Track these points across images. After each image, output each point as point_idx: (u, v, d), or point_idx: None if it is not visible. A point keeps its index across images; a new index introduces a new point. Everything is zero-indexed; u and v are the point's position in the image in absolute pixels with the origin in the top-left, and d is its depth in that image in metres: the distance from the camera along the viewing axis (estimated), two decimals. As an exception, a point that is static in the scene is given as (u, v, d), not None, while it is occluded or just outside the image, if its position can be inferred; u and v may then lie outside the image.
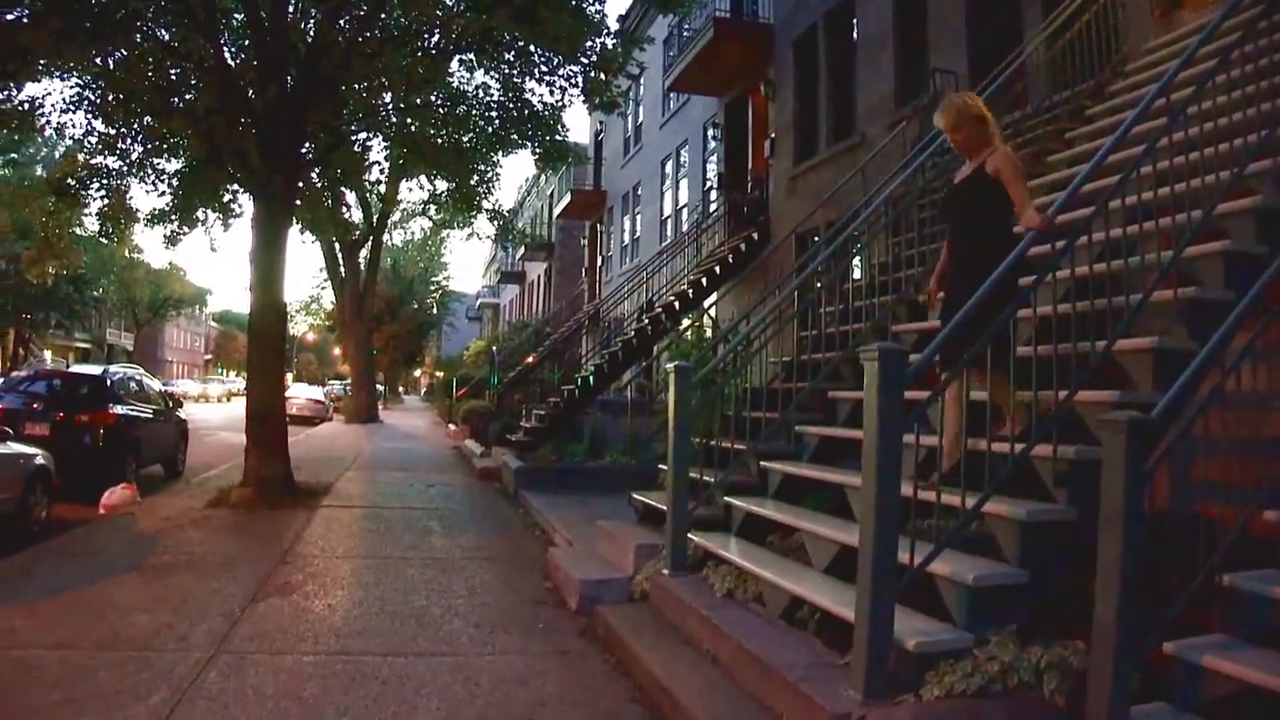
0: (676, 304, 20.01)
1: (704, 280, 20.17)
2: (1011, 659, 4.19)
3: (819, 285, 9.62)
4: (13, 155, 40.32)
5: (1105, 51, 9.98)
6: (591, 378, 19.14)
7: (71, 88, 15.27)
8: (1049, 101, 10.18)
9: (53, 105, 15.39)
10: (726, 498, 7.75)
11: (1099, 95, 9.68)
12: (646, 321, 19.91)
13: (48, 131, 16.50)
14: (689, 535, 7.30)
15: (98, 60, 14.16)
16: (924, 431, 5.20)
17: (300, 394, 39.76)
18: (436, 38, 15.13)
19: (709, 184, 25.40)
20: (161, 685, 5.53)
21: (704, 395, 8.49)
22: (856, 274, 10.66)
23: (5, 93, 13.81)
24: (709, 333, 17.90)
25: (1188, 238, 5.45)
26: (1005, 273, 4.98)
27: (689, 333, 18.61)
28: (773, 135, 21.09)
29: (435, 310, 64.85)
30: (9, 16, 12.29)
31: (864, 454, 4.48)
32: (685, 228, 25.95)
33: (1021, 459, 4.94)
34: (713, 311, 19.11)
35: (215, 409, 53.41)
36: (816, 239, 14.28)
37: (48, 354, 61.78)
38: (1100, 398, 5.08)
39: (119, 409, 15.03)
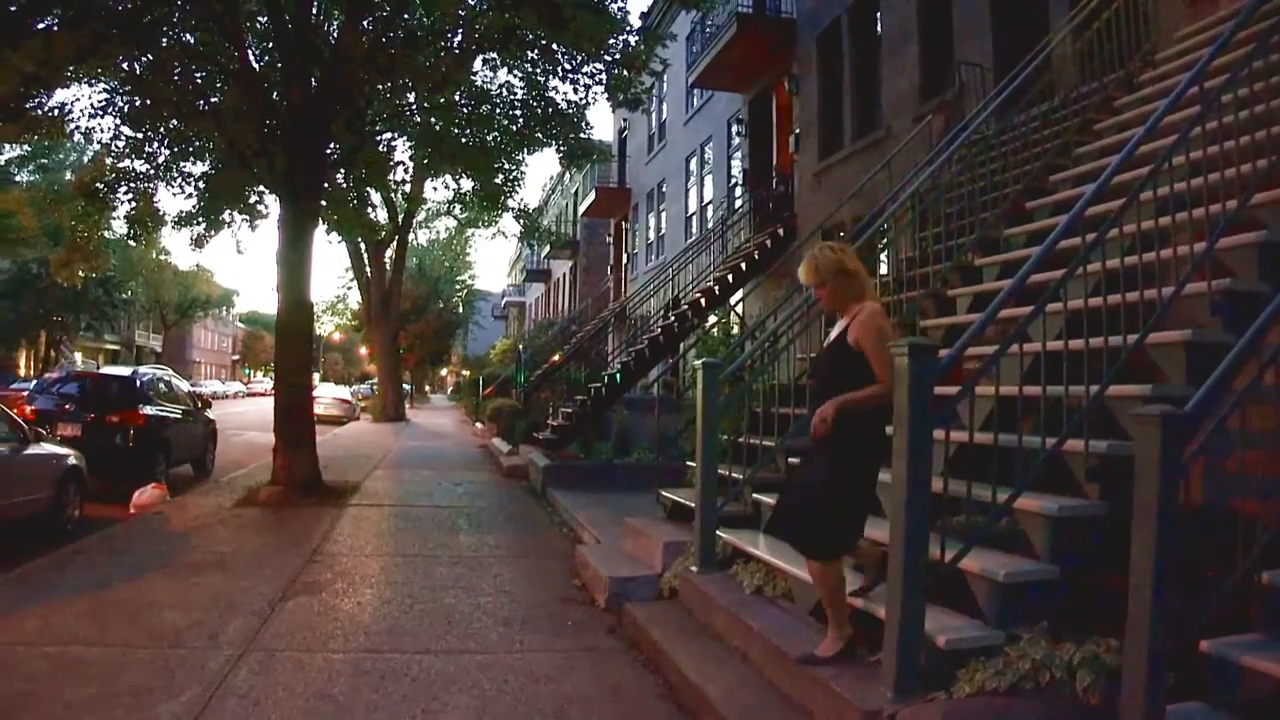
0: (702, 301, 19.98)
1: (730, 277, 20.13)
2: (1043, 656, 4.14)
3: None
4: (43, 161, 40.64)
5: (1134, 41, 9.87)
6: (618, 375, 19.14)
7: (100, 93, 15.42)
8: (1077, 93, 10.08)
9: (81, 110, 15.54)
10: (755, 494, 7.72)
11: (1128, 86, 9.59)
12: (672, 319, 19.90)
13: (76, 137, 16.64)
14: (717, 532, 7.27)
15: (125, 66, 14.25)
16: (954, 427, 5.16)
17: (327, 394, 39.85)
18: (459, 37, 15.15)
19: (734, 180, 25.35)
20: (193, 682, 5.58)
21: (732, 392, 8.46)
22: (883, 269, 10.59)
23: (36, 99, 13.89)
24: (735, 330, 17.83)
25: (1221, 228, 5.39)
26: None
27: (715, 330, 18.56)
28: (797, 131, 21.03)
29: (461, 309, 64.94)
30: (39, 25, 12.37)
31: (894, 450, 4.44)
32: (710, 224, 25.88)
33: (1052, 454, 4.89)
34: (739, 308, 19.05)
35: (235, 405, 53.59)
36: (842, 234, 14.23)
37: (78, 355, 62.35)
38: (1132, 392, 5.02)
39: (149, 409, 15.16)
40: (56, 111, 14.96)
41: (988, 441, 4.91)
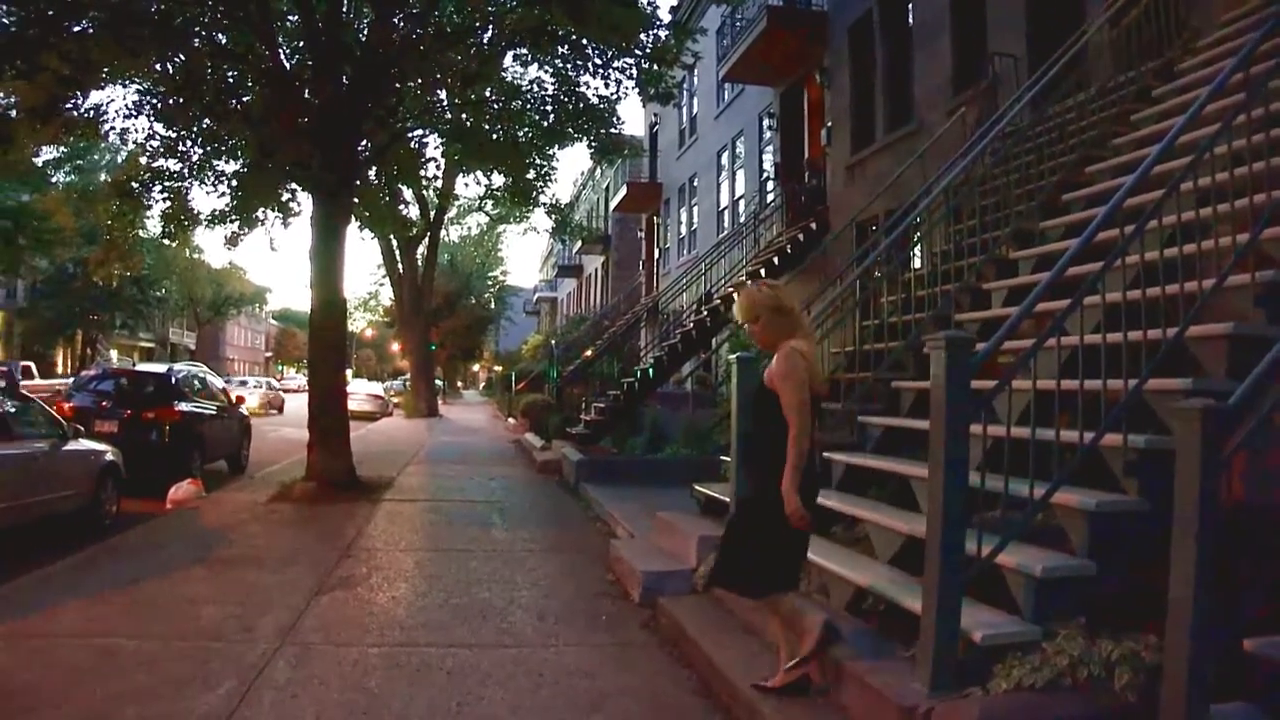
0: (736, 295, 19.90)
1: (762, 271, 20.04)
2: (1080, 652, 4.10)
3: (878, 275, 9.53)
4: (78, 162, 41.03)
5: (1173, 28, 9.74)
6: (651, 370, 19.14)
7: (133, 94, 15.55)
8: (1113, 83, 9.97)
9: (115, 111, 15.67)
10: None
11: (1166, 74, 9.45)
12: (705, 313, 19.87)
13: (111, 137, 16.80)
14: (751, 526, 7.25)
15: (158, 66, 14.36)
16: (991, 421, 5.12)
17: (360, 390, 40.01)
18: (489, 33, 15.16)
19: (765, 174, 25.27)
20: (230, 675, 5.63)
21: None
22: (917, 262, 10.53)
23: (72, 101, 14.03)
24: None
25: (1265, 219, 5.31)
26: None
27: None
28: (829, 124, 20.93)
29: (493, 305, 65.21)
30: (74, 29, 12.48)
31: (930, 444, 4.42)
32: (742, 219, 25.82)
33: (1090, 448, 4.85)
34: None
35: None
36: (875, 228, 14.16)
37: (114, 353, 62.91)
38: (1171, 385, 4.95)
39: (184, 406, 15.29)
40: (91, 113, 15.08)
41: (1025, 436, 4.87)
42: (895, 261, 9.49)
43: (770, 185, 24.62)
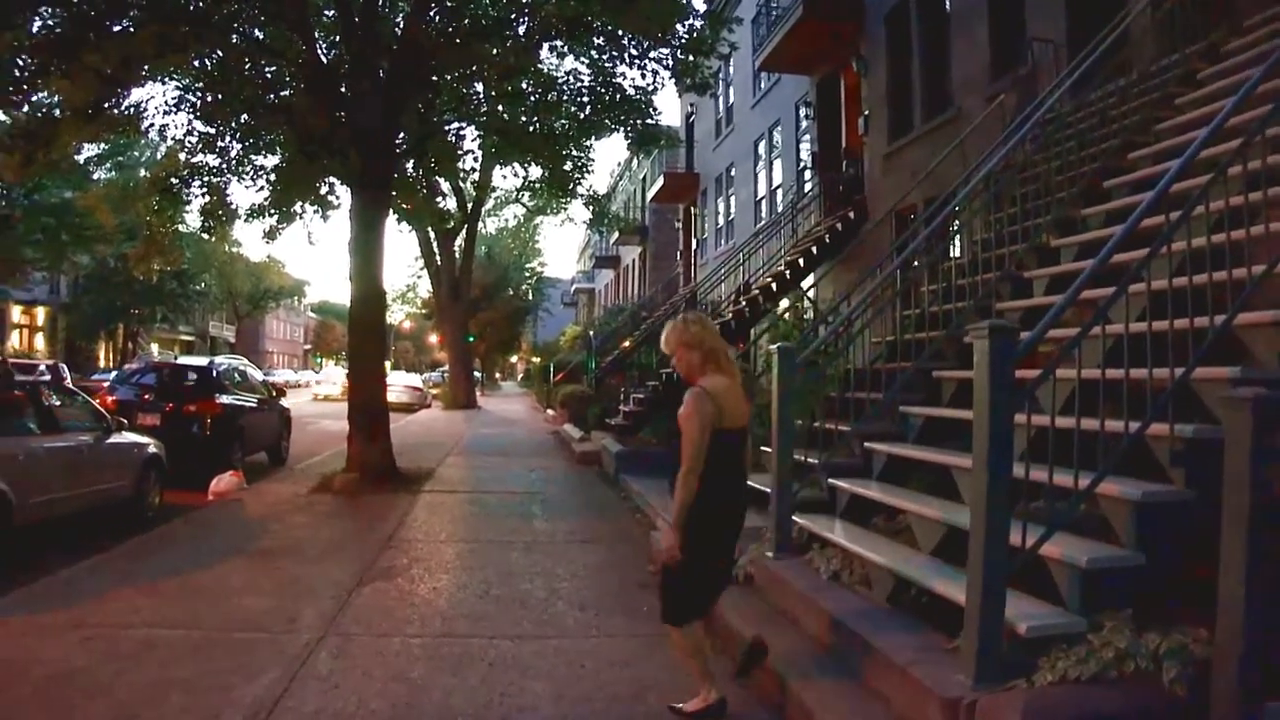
0: (774, 285, 19.87)
1: (801, 261, 20.00)
2: (1127, 645, 4.05)
3: (917, 264, 9.47)
4: (119, 159, 41.40)
5: (1219, 9, 9.58)
6: (690, 361, 19.07)
7: (172, 90, 15.71)
8: (1156, 66, 9.83)
9: (155, 108, 15.83)
10: (831, 479, 7.66)
11: (1212, 56, 9.31)
12: (744, 304, 19.82)
13: (151, 134, 16.95)
14: (793, 517, 7.24)
15: (197, 63, 14.48)
16: (1034, 411, 5.07)
17: (399, 381, 40.18)
18: (526, 25, 15.17)
19: (803, 164, 25.14)
20: (274, 665, 5.70)
21: (806, 377, 8.40)
22: (956, 251, 10.45)
23: (113, 99, 14.17)
24: (808, 314, 17.71)
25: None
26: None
27: (787, 315, 18.46)
28: (866, 112, 20.80)
29: (530, 296, 65.30)
30: (115, 27, 12.60)
31: (974, 434, 4.38)
32: (780, 208, 25.72)
33: (1136, 438, 4.80)
34: (811, 293, 18.93)
35: (308, 393, 54.27)
36: (914, 217, 14.07)
37: (154, 347, 63.58)
38: (1219, 374, 4.88)
39: (225, 399, 15.44)
40: (132, 110, 15.22)
41: (1069, 426, 4.81)
42: (935, 250, 9.43)
43: (808, 174, 24.49)
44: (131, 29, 12.66)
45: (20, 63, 12.77)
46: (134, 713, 4.94)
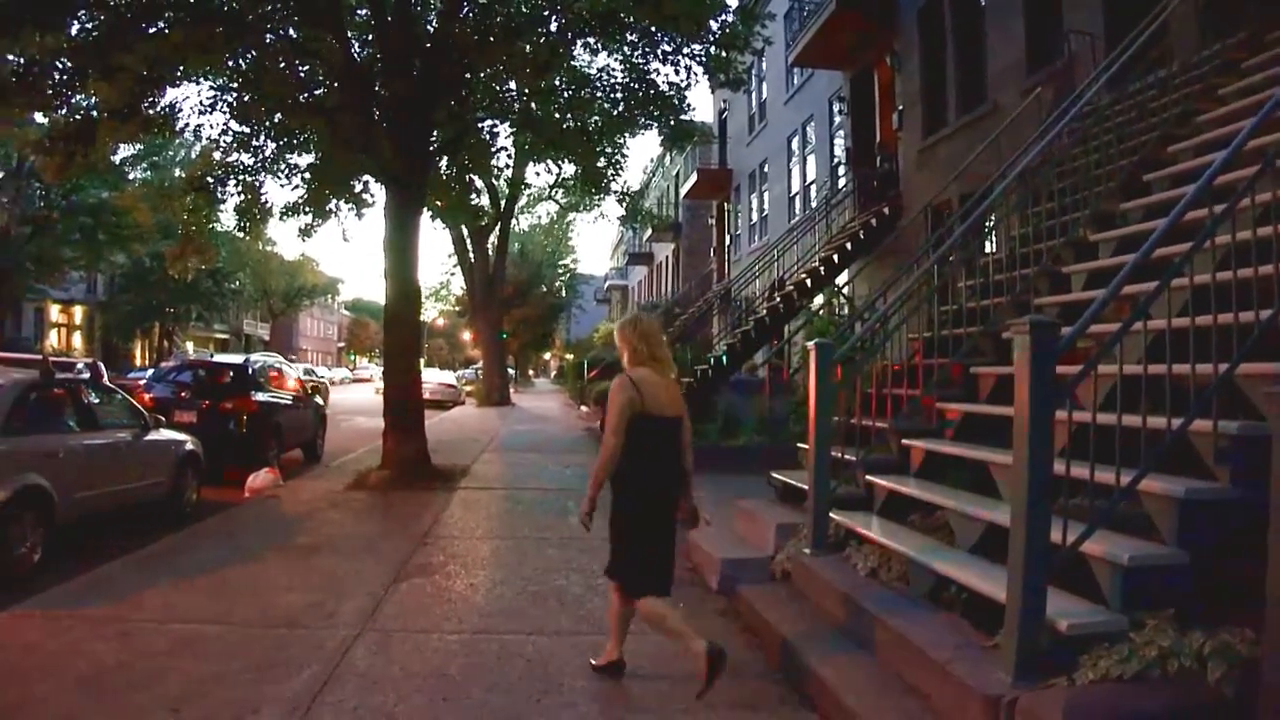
0: (808, 281, 19.81)
1: (835, 257, 19.94)
2: (1171, 644, 4.00)
3: (952, 259, 9.40)
4: (154, 159, 41.80)
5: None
6: (724, 358, 19.08)
7: (208, 90, 15.84)
8: (1197, 57, 9.70)
9: (191, 108, 15.97)
10: (868, 476, 7.63)
11: (1255, 46, 9.17)
12: (778, 300, 19.77)
13: (186, 134, 17.09)
14: (830, 514, 7.21)
15: (231, 63, 14.59)
16: (1074, 407, 5.02)
17: (432, 378, 40.34)
18: (559, 22, 15.18)
19: (837, 159, 25.04)
20: (312, 660, 5.73)
21: (843, 372, 8.36)
22: (993, 246, 10.38)
23: (149, 100, 14.29)
24: (844, 310, 17.66)
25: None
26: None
27: (822, 311, 18.41)
28: (900, 107, 20.69)
29: (563, 293, 65.42)
30: (150, 29, 12.71)
31: (1015, 431, 4.34)
32: (814, 205, 25.64)
33: (1179, 434, 4.74)
34: (846, 289, 18.86)
35: (342, 391, 54.52)
36: (949, 213, 13.99)
37: (190, 345, 64.09)
38: (1266, 370, 4.81)
39: (261, 396, 15.52)
40: (167, 111, 15.34)
41: (1110, 422, 4.77)
42: (972, 246, 9.37)
43: (842, 170, 24.40)
44: (166, 31, 12.76)
45: (59, 66, 12.91)
46: (175, 706, 4.98)
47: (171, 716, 4.88)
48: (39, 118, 16.49)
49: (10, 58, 13.19)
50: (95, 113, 14.13)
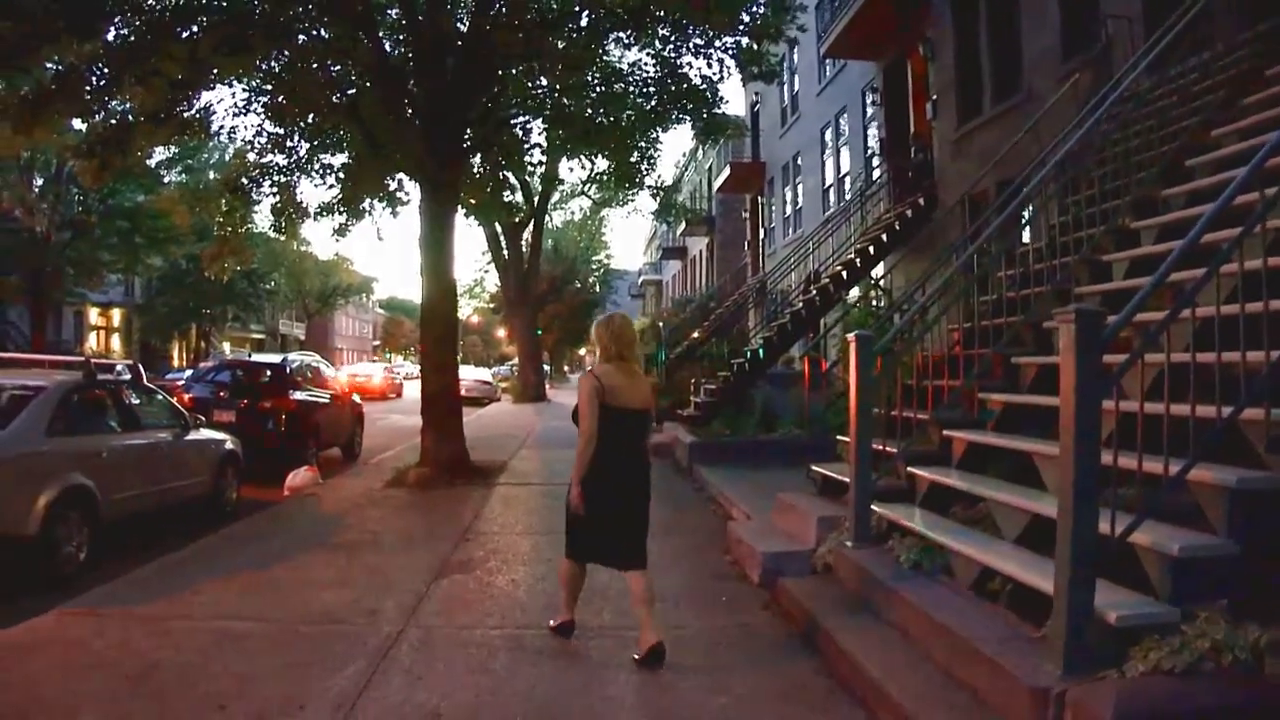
0: (844, 274, 19.72)
1: (870, 249, 19.82)
2: (1224, 636, 3.95)
3: (993, 249, 9.32)
4: (188, 161, 42.19)
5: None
6: (761, 351, 19.03)
7: (242, 92, 15.95)
8: (1241, 38, 9.52)
9: (225, 111, 16.09)
10: (909, 468, 7.58)
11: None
12: (814, 293, 19.69)
13: (220, 137, 17.22)
14: (871, 506, 7.17)
15: (264, 65, 14.67)
16: (1120, 397, 4.96)
17: (468, 375, 40.46)
18: (590, 17, 15.16)
19: (870, 151, 24.90)
20: (356, 657, 5.76)
21: (883, 364, 8.32)
22: (1031, 236, 10.27)
23: (184, 103, 14.40)
24: (878, 302, 17.56)
25: None
26: None
27: (859, 304, 18.32)
28: (934, 97, 20.51)
29: (597, 288, 65.46)
30: (184, 34, 12.81)
31: (1061, 421, 4.30)
32: (848, 196, 25.50)
33: (1229, 423, 4.68)
34: (883, 281, 18.76)
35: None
36: (985, 203, 13.87)
37: (226, 345, 64.63)
38: (1318, 357, 4.75)
39: (299, 395, 15.63)
40: (201, 114, 15.45)
41: (1157, 411, 4.71)
42: (1011, 235, 9.29)
43: (876, 161, 24.26)
44: (199, 35, 12.85)
45: (96, 72, 13.03)
46: (222, 703, 5.01)
47: (219, 713, 4.91)
48: (76, 123, 16.62)
49: (49, 65, 13.32)
50: (131, 117, 14.26)
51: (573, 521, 6.10)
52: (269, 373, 16.30)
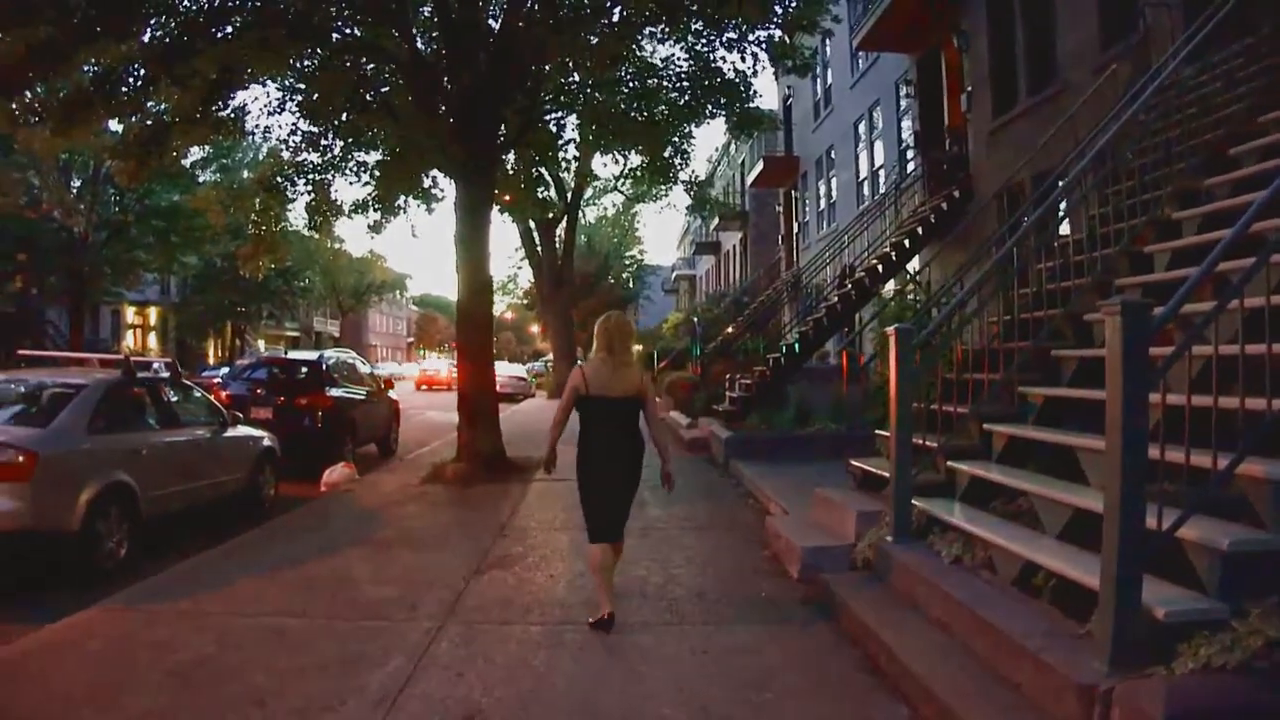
0: (879, 268, 19.63)
1: (906, 242, 19.72)
2: (1277, 634, 3.87)
3: (1032, 241, 9.23)
4: (223, 161, 42.49)
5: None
6: (796, 345, 18.97)
7: (276, 91, 16.07)
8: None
9: (259, 110, 16.23)
10: (950, 462, 7.52)
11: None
12: (849, 287, 19.61)
13: (255, 135, 17.34)
14: (912, 501, 7.12)
15: (298, 63, 14.75)
16: (1166, 389, 4.90)
17: (502, 371, 40.57)
18: (622, 12, 15.14)
19: (905, 144, 24.75)
20: (397, 652, 5.79)
21: (922, 358, 8.25)
22: (1070, 227, 10.16)
23: (219, 102, 14.49)
24: (912, 296, 17.45)
25: None
26: None
27: (895, 298, 18.22)
28: (968, 89, 20.35)
29: (631, 284, 65.47)
30: (219, 34, 12.90)
31: (1107, 415, 4.24)
32: (882, 190, 25.37)
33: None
34: (920, 274, 18.65)
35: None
36: (1022, 195, 13.75)
37: (261, 343, 65.10)
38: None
39: (335, 392, 15.71)
40: (236, 113, 15.54)
41: (1205, 404, 4.64)
42: (1050, 227, 9.19)
43: (910, 154, 24.12)
44: (233, 34, 12.94)
45: (133, 73, 13.14)
46: (262, 699, 5.05)
47: (258, 709, 4.94)
48: (113, 124, 16.77)
49: (86, 68, 13.45)
50: (168, 117, 14.37)
51: (584, 504, 6.77)
52: (305, 370, 16.38)
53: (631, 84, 17.66)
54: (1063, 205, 9.70)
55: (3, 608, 7.20)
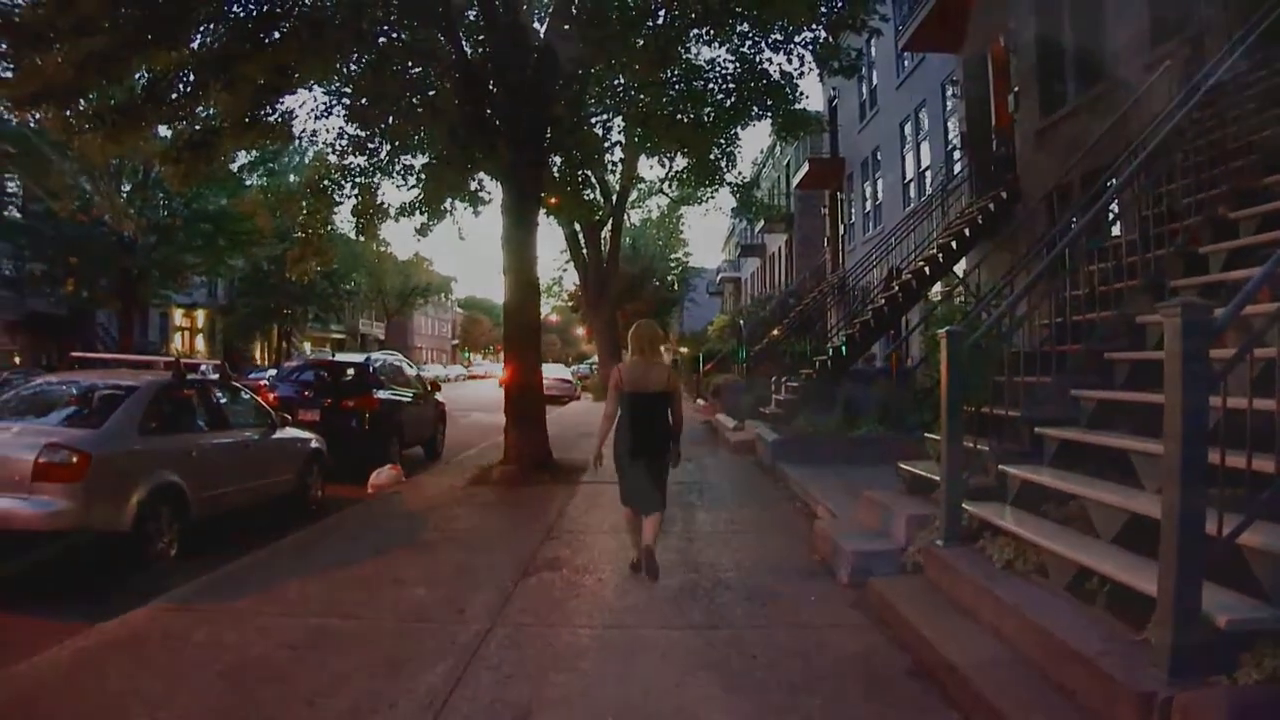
0: (926, 270, 19.49)
1: (953, 244, 19.56)
2: (1347, 646, 3.80)
3: (1084, 242, 9.11)
4: (270, 165, 42.94)
5: None
6: (844, 348, 18.88)
7: (323, 95, 16.16)
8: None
9: (307, 114, 16.30)
10: (1001, 466, 7.44)
11: None
12: (896, 289, 19.49)
13: (303, 140, 17.46)
14: (962, 505, 7.05)
15: (343, 68, 14.84)
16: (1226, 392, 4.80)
17: (548, 374, 40.57)
18: (668, 16, 15.12)
19: (951, 145, 24.57)
20: (446, 654, 5.80)
21: (972, 361, 8.17)
22: (1122, 228, 10.03)
23: (267, 107, 14.60)
24: (960, 299, 17.29)
25: None
26: None
27: (942, 301, 18.08)
28: (1015, 88, 20.15)
29: (676, 287, 65.40)
30: (267, 40, 13.00)
31: (1166, 418, 4.17)
32: (929, 191, 25.19)
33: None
34: (968, 276, 18.49)
35: (458, 388, 55.18)
36: (1072, 195, 13.59)
37: (307, 345, 65.69)
38: None
39: (382, 394, 15.78)
40: (284, 117, 15.66)
41: (1267, 408, 4.55)
42: (1102, 228, 9.07)
43: (957, 155, 23.93)
44: (282, 40, 13.04)
45: (183, 79, 13.28)
46: (311, 700, 5.07)
47: (307, 709, 4.96)
48: (162, 130, 16.95)
49: (137, 75, 13.62)
50: (216, 123, 14.50)
51: (619, 474, 8.05)
52: (353, 372, 16.47)
53: (677, 86, 17.60)
54: (1114, 206, 9.58)
55: (56, 607, 7.28)
